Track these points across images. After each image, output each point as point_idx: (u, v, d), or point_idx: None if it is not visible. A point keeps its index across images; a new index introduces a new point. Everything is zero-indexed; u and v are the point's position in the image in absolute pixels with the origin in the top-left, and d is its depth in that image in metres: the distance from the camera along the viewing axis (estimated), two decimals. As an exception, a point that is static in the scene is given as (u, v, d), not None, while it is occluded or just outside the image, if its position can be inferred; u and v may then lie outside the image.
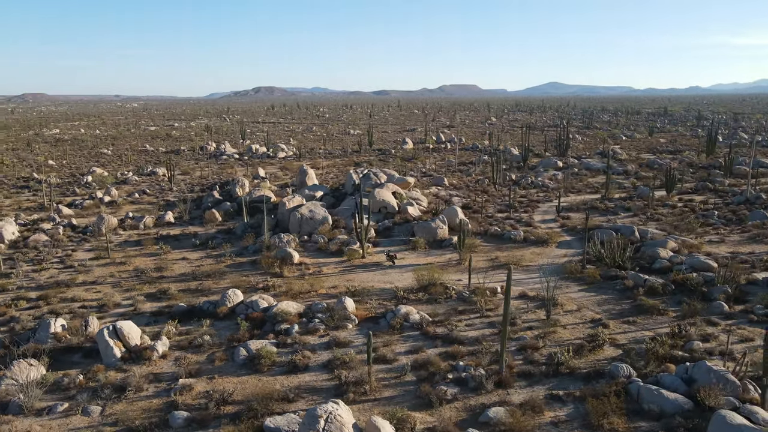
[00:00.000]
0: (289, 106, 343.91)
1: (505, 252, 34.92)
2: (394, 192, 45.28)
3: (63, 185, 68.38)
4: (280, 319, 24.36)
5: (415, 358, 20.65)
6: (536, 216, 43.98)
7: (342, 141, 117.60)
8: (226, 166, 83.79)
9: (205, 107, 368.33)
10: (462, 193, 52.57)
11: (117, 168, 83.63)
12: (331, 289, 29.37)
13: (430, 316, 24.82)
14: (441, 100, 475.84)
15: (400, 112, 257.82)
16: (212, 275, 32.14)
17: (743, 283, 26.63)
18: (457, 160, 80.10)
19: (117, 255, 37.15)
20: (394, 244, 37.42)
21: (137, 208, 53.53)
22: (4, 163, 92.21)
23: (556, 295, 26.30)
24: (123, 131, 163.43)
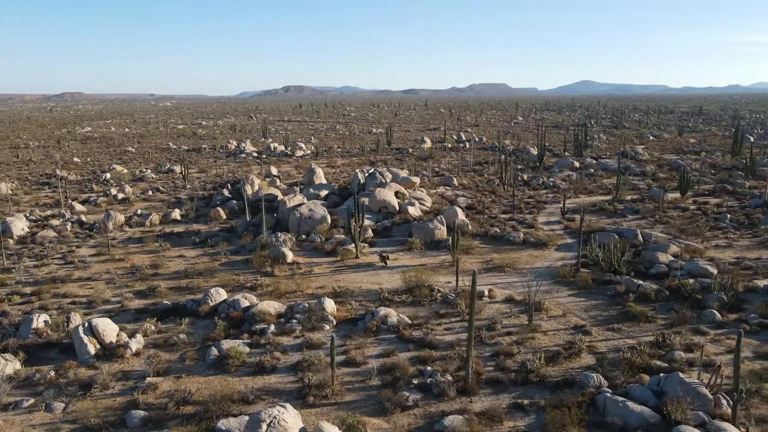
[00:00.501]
0: (316, 104, 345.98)
1: (501, 254, 34.20)
2: (397, 192, 44.86)
3: (82, 182, 69.89)
4: (258, 319, 24.25)
5: (384, 362, 20.26)
6: (541, 217, 43.03)
7: (362, 140, 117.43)
8: (243, 165, 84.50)
9: (234, 106, 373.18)
10: (469, 194, 51.84)
11: (138, 165, 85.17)
12: (318, 289, 29.16)
13: (410, 318, 24.38)
14: (469, 99, 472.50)
15: (426, 111, 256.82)
16: (204, 273, 32.26)
17: (741, 291, 25.45)
18: (472, 159, 79.18)
19: (118, 252, 37.68)
20: (391, 245, 37.06)
21: (148, 206, 54.33)
22: (33, 160, 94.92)
23: (543, 300, 25.60)
24: (151, 129, 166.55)
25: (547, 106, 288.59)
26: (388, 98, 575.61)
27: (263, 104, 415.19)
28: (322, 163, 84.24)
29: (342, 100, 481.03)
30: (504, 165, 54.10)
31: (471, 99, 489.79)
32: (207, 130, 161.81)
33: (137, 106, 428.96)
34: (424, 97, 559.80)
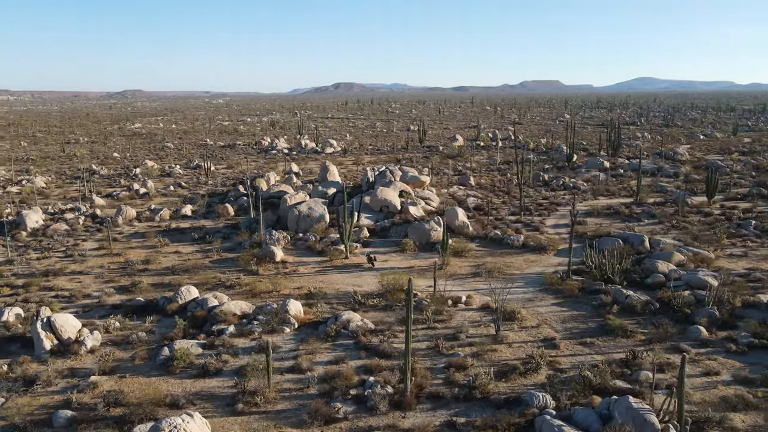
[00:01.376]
0: (363, 102, 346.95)
1: (496, 258, 32.71)
2: (402, 191, 43.79)
3: (112, 177, 71.88)
4: (220, 320, 23.85)
5: (329, 370, 19.43)
6: (550, 220, 41.08)
7: (398, 137, 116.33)
8: (271, 161, 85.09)
9: (282, 103, 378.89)
10: (481, 194, 50.18)
11: (171, 161, 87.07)
12: (295, 289, 28.57)
13: (375, 324, 23.43)
14: (519, 97, 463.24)
15: (471, 109, 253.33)
16: (191, 270, 32.18)
17: (739, 306, 23.24)
18: (499, 158, 77.04)
19: (119, 246, 38.22)
20: (386, 245, 36.11)
21: (166, 201, 55.19)
22: (76, 154, 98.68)
23: (519, 309, 24.18)
24: (197, 126, 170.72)
25: (598, 104, 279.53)
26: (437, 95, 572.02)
27: (311, 101, 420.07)
28: (349, 160, 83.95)
29: (390, 98, 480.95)
30: (522, 164, 52.03)
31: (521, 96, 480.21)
32: (249, 127, 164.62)
33: (191, 103, 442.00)
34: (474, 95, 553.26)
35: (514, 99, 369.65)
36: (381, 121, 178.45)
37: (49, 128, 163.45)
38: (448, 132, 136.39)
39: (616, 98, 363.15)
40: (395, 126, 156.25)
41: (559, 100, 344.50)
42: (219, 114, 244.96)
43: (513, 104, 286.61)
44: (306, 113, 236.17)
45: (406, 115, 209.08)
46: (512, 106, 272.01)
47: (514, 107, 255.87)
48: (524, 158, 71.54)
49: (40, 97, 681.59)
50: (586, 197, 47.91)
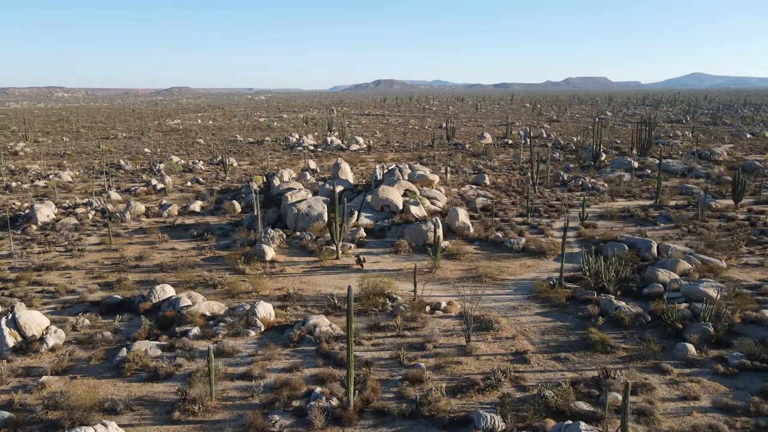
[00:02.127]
0: (401, 98, 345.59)
1: (492, 262, 31.19)
2: (407, 190, 42.57)
3: (136, 172, 73.03)
4: (187, 321, 23.29)
5: (280, 378, 18.52)
6: (559, 222, 39.11)
7: (427, 134, 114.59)
8: (294, 157, 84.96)
9: (321, 99, 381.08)
10: (493, 194, 48.41)
11: (199, 157, 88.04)
12: (276, 290, 27.82)
13: (344, 330, 22.43)
14: (561, 93, 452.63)
15: (510, 106, 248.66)
16: (179, 268, 31.88)
17: (738, 322, 21.19)
18: (525, 157, 74.69)
19: (120, 242, 38.36)
20: (382, 246, 35.02)
21: (180, 196, 55.50)
22: (110, 150, 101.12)
23: (498, 318, 22.76)
24: (234, 122, 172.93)
25: (644, 101, 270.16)
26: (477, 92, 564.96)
27: (351, 98, 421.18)
28: (372, 157, 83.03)
29: (429, 94, 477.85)
30: (542, 163, 49.98)
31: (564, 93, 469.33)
32: (283, 123, 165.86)
33: (234, 99, 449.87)
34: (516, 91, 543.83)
35: (556, 96, 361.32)
36: (415, 118, 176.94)
37: (92, 124, 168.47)
38: (481, 129, 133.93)
39: (665, 95, 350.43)
40: (428, 123, 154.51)
41: (603, 97, 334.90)
42: (258, 110, 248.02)
43: (554, 101, 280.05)
44: (342, 110, 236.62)
45: (443, 113, 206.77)
46: (553, 103, 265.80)
47: (554, 104, 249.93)
48: (548, 157, 69.29)
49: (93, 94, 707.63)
50: (604, 199, 45.54)
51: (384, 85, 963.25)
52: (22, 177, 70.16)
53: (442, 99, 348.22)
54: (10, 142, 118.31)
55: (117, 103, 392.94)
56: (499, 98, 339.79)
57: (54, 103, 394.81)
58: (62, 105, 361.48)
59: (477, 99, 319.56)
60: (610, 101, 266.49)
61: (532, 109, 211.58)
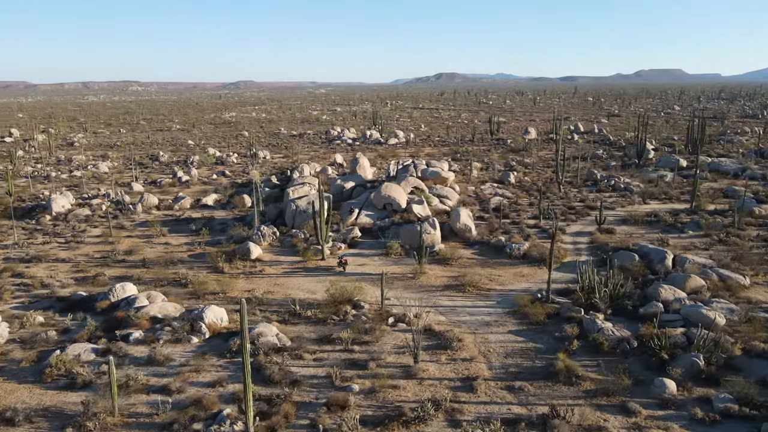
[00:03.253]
0: (460, 92, 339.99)
1: (484, 269, 28.56)
2: (416, 187, 40.25)
3: (170, 164, 73.96)
4: (132, 323, 22.15)
5: (196, 394, 16.96)
6: (575, 226, 35.77)
7: (474, 129, 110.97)
8: (329, 151, 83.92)
9: (380, 93, 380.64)
10: (513, 192, 45.25)
11: (239, 149, 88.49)
12: (245, 292, 26.35)
13: (292, 339, 20.67)
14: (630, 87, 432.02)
15: (570, 100, 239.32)
16: (160, 263, 31.06)
17: (738, 354, 17.86)
18: (567, 153, 70.38)
19: (122, 234, 38.14)
20: (374, 248, 32.97)
21: (202, 189, 55.36)
22: (158, 141, 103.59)
23: (461, 335, 20.35)
24: (286, 115, 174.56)
25: (720, 95, 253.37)
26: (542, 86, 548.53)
27: (409, 91, 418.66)
28: (407, 151, 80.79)
29: (490, 88, 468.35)
30: (560, 162, 46.45)
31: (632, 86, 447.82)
32: (334, 116, 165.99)
33: (296, 93, 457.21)
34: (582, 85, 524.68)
35: (624, 89, 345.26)
36: (469, 112, 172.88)
37: (153, 117, 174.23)
38: (533, 124, 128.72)
39: (744, 88, 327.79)
40: (480, 117, 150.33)
41: (675, 90, 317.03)
42: (314, 104, 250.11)
43: (620, 95, 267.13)
44: (397, 103, 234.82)
45: (498, 107, 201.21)
46: (619, 97, 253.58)
47: (619, 98, 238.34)
48: (589, 154, 65.03)
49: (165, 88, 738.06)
50: (634, 201, 41.55)
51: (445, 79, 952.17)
52: (65, 167, 72.50)
53: (501, 93, 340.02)
54: (72, 133, 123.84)
55: (184, 96, 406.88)
56: (562, 92, 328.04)
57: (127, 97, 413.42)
58: (134, 98, 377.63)
59: (537, 93, 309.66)
60: (681, 94, 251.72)
61: (593, 103, 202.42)
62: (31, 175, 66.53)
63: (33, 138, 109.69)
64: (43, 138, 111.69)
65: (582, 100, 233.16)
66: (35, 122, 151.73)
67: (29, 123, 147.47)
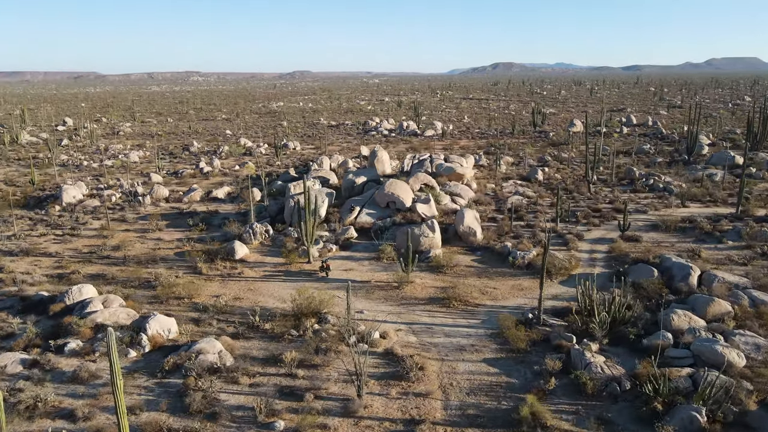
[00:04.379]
0: (514, 82, 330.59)
1: (480, 280, 25.48)
2: (425, 184, 37.29)
3: (199, 154, 73.53)
4: (73, 332, 20.46)
5: (99, 424, 14.95)
6: (596, 232, 31.95)
7: (514, 120, 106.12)
8: (364, 142, 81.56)
9: (433, 83, 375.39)
10: (537, 191, 41.45)
11: (272, 139, 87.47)
12: (212, 297, 24.35)
13: (237, 360, 18.42)
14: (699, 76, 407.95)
15: (631, 90, 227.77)
16: (142, 262, 29.54)
17: (754, 408, 14.29)
18: (613, 149, 65.37)
19: (118, 227, 37.10)
20: (368, 251, 30.36)
21: (221, 180, 54.18)
22: (198, 131, 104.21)
23: (426, 363, 17.54)
24: (334, 105, 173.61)
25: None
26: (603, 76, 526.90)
27: (463, 81, 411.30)
28: (441, 144, 77.44)
29: (548, 78, 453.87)
30: (591, 158, 42.27)
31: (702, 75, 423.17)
32: (380, 106, 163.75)
33: (349, 83, 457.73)
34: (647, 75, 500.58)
35: (691, 79, 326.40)
36: (520, 103, 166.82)
37: (204, 106, 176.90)
38: (584, 115, 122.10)
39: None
40: (529, 108, 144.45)
41: (748, 79, 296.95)
42: (363, 94, 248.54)
43: (686, 85, 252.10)
44: (446, 93, 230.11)
45: (553, 97, 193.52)
46: (684, 86, 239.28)
47: (684, 88, 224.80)
48: (634, 149, 60.07)
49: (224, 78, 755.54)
50: (671, 203, 37.11)
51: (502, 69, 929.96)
52: (99, 156, 73.29)
53: (558, 83, 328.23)
54: (122, 122, 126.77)
55: (241, 86, 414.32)
56: (623, 81, 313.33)
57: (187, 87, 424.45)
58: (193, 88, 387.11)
59: (597, 82, 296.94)
60: (754, 84, 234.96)
61: (655, 93, 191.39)
62: (65, 164, 67.48)
63: (83, 127, 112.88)
64: (92, 127, 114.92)
65: (643, 91, 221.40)
66: (90, 111, 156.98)
67: (86, 112, 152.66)
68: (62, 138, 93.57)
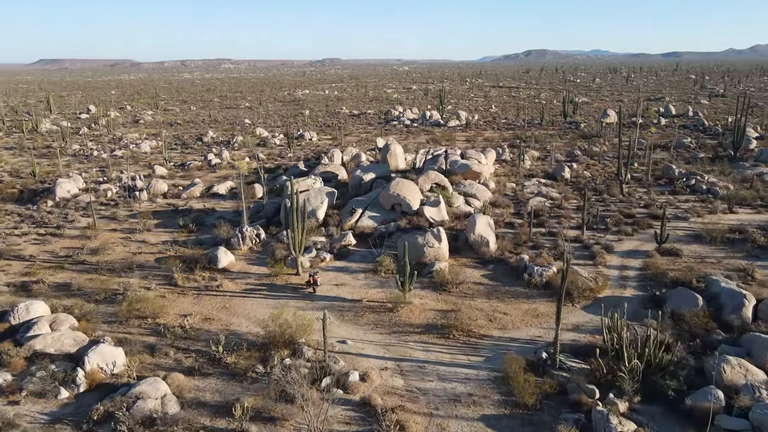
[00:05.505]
0: (547, 70, 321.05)
1: (489, 302, 21.84)
2: (436, 183, 33.61)
3: (211, 144, 70.99)
4: (3, 362, 17.62)
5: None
6: (629, 242, 27.83)
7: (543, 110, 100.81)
8: (385, 133, 77.93)
9: (463, 71, 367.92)
10: (562, 191, 37.33)
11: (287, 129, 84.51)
12: (180, 317, 21.32)
13: (184, 407, 15.29)
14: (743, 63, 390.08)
15: (670, 78, 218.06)
16: (116, 270, 26.74)
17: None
18: (645, 141, 60.35)
19: (106, 226, 34.55)
20: (366, 261, 26.89)
21: (227, 174, 51.48)
22: (217, 120, 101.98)
23: (407, 421, 14.11)
24: (360, 93, 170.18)
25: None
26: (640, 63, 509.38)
27: (495, 69, 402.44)
28: (465, 136, 73.29)
29: (583, 65, 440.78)
30: (629, 154, 37.88)
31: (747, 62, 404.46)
32: (407, 94, 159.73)
33: (378, 70, 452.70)
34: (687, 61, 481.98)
35: (734, 65, 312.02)
36: (552, 92, 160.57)
37: (230, 94, 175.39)
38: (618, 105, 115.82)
39: None
40: (559, 97, 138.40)
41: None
42: (391, 81, 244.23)
43: (728, 72, 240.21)
44: (476, 81, 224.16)
45: (586, 85, 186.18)
46: (726, 74, 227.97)
47: (727, 76, 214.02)
48: (674, 142, 55.19)
49: (255, 65, 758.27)
50: (716, 208, 32.64)
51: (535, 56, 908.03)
52: (112, 146, 71.41)
53: (593, 70, 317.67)
54: (144, 110, 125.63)
55: (271, 74, 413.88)
56: (661, 69, 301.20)
57: (218, 74, 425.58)
58: (224, 76, 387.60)
59: (633, 70, 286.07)
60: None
61: (695, 81, 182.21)
62: (75, 154, 65.72)
63: (106, 115, 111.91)
64: (115, 115, 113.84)
65: (683, 78, 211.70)
66: (118, 99, 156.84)
67: (112, 100, 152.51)
68: (82, 127, 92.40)
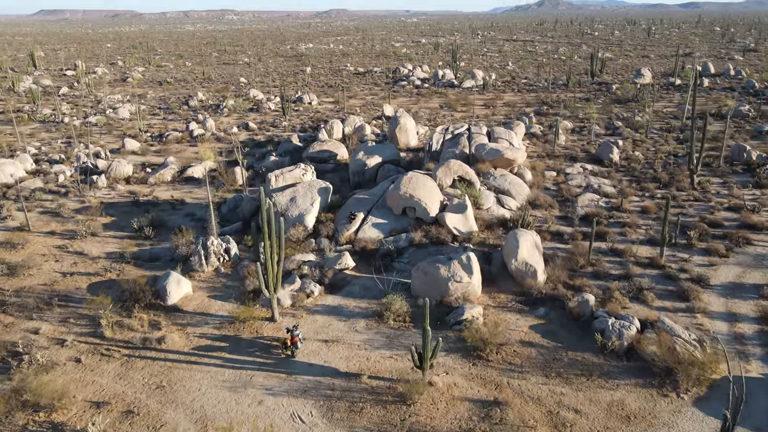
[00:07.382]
0: (562, 21, 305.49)
1: (548, 385, 14.74)
2: (460, 177, 26.07)
3: (199, 109, 63.12)
4: None
5: None
6: (726, 270, 20.38)
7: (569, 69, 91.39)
8: (392, 95, 69.60)
9: (474, 22, 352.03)
10: (615, 183, 29.64)
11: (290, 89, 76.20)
12: (90, 409, 14.39)
13: None
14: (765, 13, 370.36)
15: (693, 30, 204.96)
16: (28, 306, 19.77)
17: None
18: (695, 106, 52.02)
19: (43, 227, 27.50)
20: (369, 296, 19.70)
21: (210, 147, 44.07)
22: (211, 78, 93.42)
23: None
24: (366, 47, 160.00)
25: None
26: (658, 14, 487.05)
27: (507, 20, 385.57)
28: (483, 99, 64.89)
29: (598, 16, 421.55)
30: (696, 130, 29.97)
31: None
32: (416, 49, 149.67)
33: (386, 22, 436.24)
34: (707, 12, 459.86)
35: (759, 18, 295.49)
36: (570, 46, 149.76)
37: (228, 48, 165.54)
38: (645, 62, 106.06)
39: None
40: (581, 52, 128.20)
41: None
42: (399, 34, 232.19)
43: (754, 24, 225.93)
44: (488, 34, 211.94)
45: (605, 38, 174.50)
46: (753, 26, 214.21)
47: (754, 28, 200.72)
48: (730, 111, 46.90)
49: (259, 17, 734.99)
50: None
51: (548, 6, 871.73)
52: (88, 110, 63.72)
53: (610, 22, 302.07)
54: (135, 66, 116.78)
55: (275, 26, 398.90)
56: (682, 21, 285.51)
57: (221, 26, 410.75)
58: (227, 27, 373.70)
59: (653, 22, 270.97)
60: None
61: (722, 34, 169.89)
62: (46, 120, 58.15)
63: (89, 73, 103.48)
64: (103, 72, 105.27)
65: (708, 31, 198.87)
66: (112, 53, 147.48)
67: (105, 55, 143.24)
68: (63, 86, 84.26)
